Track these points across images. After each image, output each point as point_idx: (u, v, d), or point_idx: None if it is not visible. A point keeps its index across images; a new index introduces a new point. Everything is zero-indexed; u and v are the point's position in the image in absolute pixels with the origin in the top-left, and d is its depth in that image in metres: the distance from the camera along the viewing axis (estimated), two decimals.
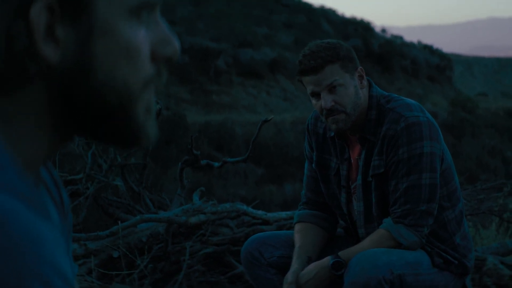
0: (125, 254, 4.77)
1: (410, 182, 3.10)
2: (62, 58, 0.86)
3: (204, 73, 40.51)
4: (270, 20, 53.39)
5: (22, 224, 0.76)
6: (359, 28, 58.84)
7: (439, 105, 40.19)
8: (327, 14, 61.02)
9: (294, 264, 3.25)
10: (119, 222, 4.96)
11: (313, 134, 3.41)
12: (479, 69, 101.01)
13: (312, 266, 3.21)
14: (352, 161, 3.31)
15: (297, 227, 3.48)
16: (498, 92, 78.58)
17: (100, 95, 0.89)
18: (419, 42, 69.20)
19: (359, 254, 3.04)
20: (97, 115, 0.91)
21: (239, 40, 44.61)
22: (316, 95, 3.17)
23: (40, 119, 0.89)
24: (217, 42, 43.28)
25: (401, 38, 69.39)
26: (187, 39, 40.62)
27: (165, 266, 5.08)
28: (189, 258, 5.02)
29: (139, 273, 4.80)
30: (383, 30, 71.50)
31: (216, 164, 5.62)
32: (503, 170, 24.15)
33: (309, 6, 59.98)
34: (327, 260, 3.18)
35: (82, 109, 0.90)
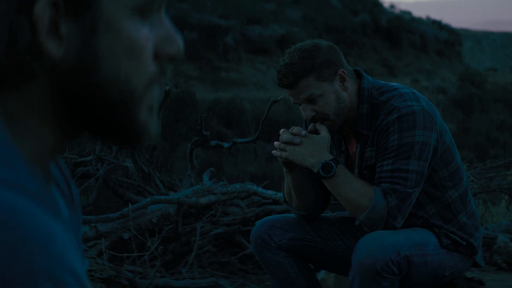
0: (135, 236, 4.78)
1: (396, 165, 3.02)
2: (66, 55, 0.86)
3: (213, 50, 40.45)
4: None
5: (31, 222, 0.76)
6: (368, 4, 58.59)
7: (448, 80, 40.05)
8: None
9: None
10: (129, 203, 4.97)
11: None
12: (488, 44, 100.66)
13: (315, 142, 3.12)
14: (350, 154, 3.30)
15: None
16: (506, 67, 78.32)
17: (103, 92, 0.89)
18: (428, 18, 68.95)
19: (366, 235, 3.02)
20: (100, 112, 0.91)
21: (248, 17, 44.50)
22: (298, 104, 3.16)
23: (44, 116, 0.89)
24: (225, 18, 43.18)
25: (409, 13, 69.11)
26: (195, 16, 40.57)
27: (176, 247, 5.10)
28: (199, 239, 5.04)
29: (150, 255, 4.82)
30: (392, 6, 71.18)
31: (226, 145, 5.62)
32: None
33: None
34: (326, 157, 3.08)
35: (85, 106, 0.90)
